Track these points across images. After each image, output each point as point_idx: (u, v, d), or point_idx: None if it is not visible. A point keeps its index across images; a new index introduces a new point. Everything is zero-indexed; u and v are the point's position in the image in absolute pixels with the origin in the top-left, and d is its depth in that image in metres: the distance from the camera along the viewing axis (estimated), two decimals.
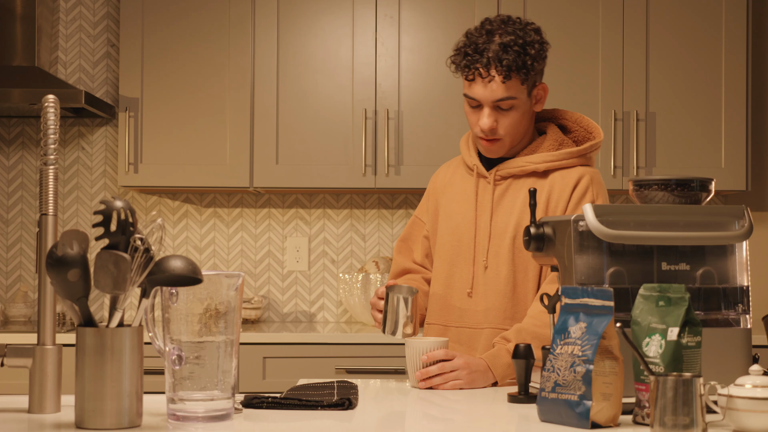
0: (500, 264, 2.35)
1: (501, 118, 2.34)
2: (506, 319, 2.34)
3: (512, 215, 2.36)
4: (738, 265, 1.92)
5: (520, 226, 2.35)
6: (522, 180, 2.39)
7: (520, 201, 2.37)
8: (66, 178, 4.14)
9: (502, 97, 2.31)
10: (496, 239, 2.37)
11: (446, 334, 2.42)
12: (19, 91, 3.63)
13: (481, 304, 2.37)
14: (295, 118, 3.82)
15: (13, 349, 1.79)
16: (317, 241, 4.14)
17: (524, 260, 2.34)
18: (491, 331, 2.35)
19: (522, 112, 2.35)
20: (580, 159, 2.40)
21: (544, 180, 2.38)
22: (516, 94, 2.32)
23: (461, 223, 2.42)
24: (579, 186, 2.35)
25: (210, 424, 1.68)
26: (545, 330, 2.21)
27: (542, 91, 2.39)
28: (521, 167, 2.38)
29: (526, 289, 2.34)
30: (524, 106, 2.35)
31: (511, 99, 2.32)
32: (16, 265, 4.13)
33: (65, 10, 4.13)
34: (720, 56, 3.86)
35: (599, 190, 2.37)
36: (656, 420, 1.58)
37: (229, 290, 1.70)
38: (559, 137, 2.41)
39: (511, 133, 2.36)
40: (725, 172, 3.83)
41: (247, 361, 3.52)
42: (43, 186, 1.80)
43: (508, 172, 2.39)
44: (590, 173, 2.38)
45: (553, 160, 2.37)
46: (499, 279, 2.35)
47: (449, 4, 3.83)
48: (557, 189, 2.36)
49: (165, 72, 3.81)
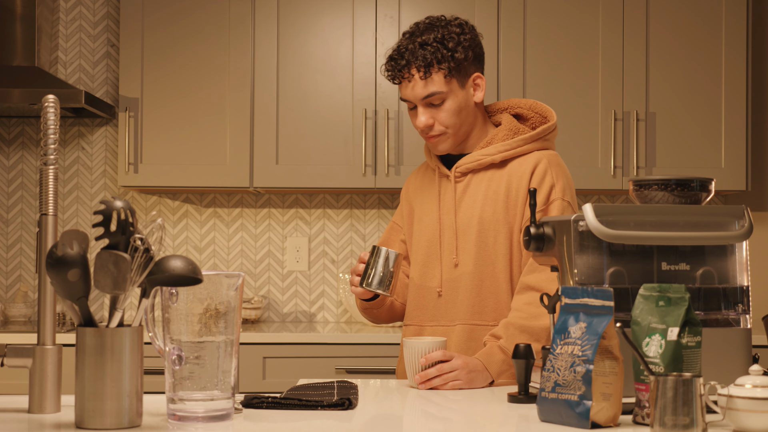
0: (467, 260, 2.37)
1: (436, 113, 2.37)
2: (475, 314, 2.35)
3: (474, 210, 2.38)
4: (738, 265, 1.92)
5: (483, 219, 2.36)
6: (481, 174, 2.41)
7: (480, 195, 2.38)
8: (66, 178, 4.14)
9: (426, 93, 2.35)
10: (462, 235, 2.38)
11: (422, 333, 2.44)
12: (19, 91, 3.63)
13: (450, 302, 2.39)
14: (295, 118, 3.82)
15: (13, 349, 1.79)
16: (317, 241, 4.15)
17: (491, 253, 2.35)
18: (462, 328, 2.36)
19: (458, 105, 2.37)
20: (537, 143, 2.41)
21: (502, 170, 2.39)
22: (441, 88, 2.35)
23: (429, 224, 2.46)
24: (537, 171, 2.36)
25: (210, 424, 1.68)
26: (532, 322, 2.23)
27: (479, 80, 2.40)
28: (478, 161, 2.40)
29: (495, 281, 2.35)
30: (458, 98, 2.37)
31: (437, 94, 2.35)
32: (16, 265, 4.13)
33: (65, 10, 4.13)
34: (720, 56, 3.86)
35: (558, 172, 2.37)
36: (656, 420, 1.58)
37: (229, 290, 1.70)
38: (513, 126, 2.42)
39: (451, 126, 2.38)
40: (725, 172, 3.83)
41: (247, 361, 3.53)
42: (43, 186, 1.80)
43: (466, 168, 2.41)
44: (547, 156, 2.38)
45: (507, 149, 2.39)
46: (465, 275, 2.36)
47: (449, 4, 3.83)
48: (515, 177, 2.37)
49: (165, 72, 3.81)
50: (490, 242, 2.35)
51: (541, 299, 1.96)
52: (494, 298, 2.35)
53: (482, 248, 2.36)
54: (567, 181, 2.39)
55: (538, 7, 3.81)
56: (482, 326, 2.35)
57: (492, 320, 2.35)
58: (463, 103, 2.39)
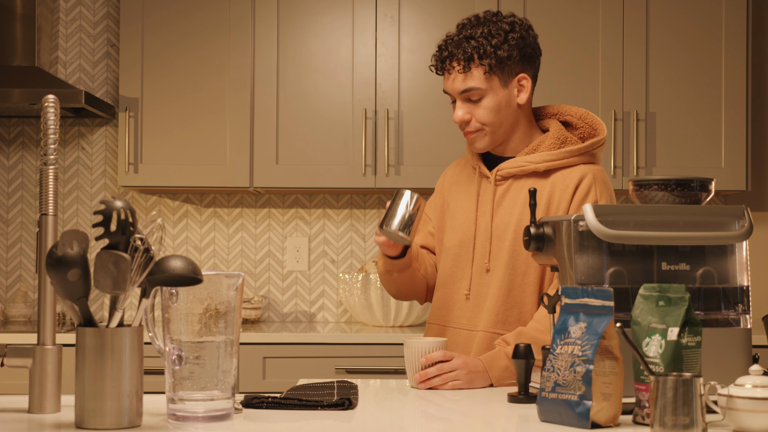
0: (498, 266, 2.33)
1: (474, 109, 2.34)
2: (498, 322, 2.31)
3: (512, 217, 2.33)
4: (738, 265, 1.92)
5: (520, 228, 2.31)
6: (523, 180, 2.35)
7: (520, 202, 2.33)
8: (66, 178, 4.14)
9: (464, 88, 2.32)
10: (496, 241, 2.34)
11: (444, 334, 2.41)
12: (19, 91, 3.63)
13: (477, 307, 2.35)
14: (295, 118, 3.82)
15: (13, 349, 1.79)
16: (317, 241, 4.14)
17: (523, 263, 2.31)
18: (483, 335, 2.32)
19: (497, 103, 2.33)
20: (583, 157, 2.35)
21: (545, 180, 2.34)
22: (480, 84, 2.31)
23: (463, 224, 2.40)
24: (581, 186, 2.30)
25: (210, 424, 1.68)
26: (545, 336, 2.19)
27: (524, 81, 2.35)
28: (521, 167, 2.34)
29: (523, 293, 2.31)
30: (497, 96, 2.33)
31: (476, 90, 2.32)
32: (16, 265, 4.13)
33: (65, 10, 4.13)
34: (720, 56, 3.86)
35: (602, 190, 2.32)
36: (656, 420, 1.58)
37: (229, 290, 1.70)
38: (561, 135, 2.36)
39: (489, 123, 2.34)
40: (725, 172, 3.83)
41: (247, 361, 3.53)
42: (43, 186, 1.80)
43: (508, 172, 2.36)
44: (593, 172, 2.33)
45: (553, 159, 2.33)
46: (495, 282, 2.32)
47: (449, 4, 3.83)
48: (558, 190, 2.31)
49: (165, 72, 3.81)
50: (524, 252, 2.30)
51: (542, 299, 1.96)
52: (518, 309, 2.31)
53: (515, 257, 2.31)
54: (610, 200, 2.34)
55: (538, 7, 3.81)
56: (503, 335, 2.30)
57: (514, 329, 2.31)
58: (504, 103, 2.34)
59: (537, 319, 2.24)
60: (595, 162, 2.38)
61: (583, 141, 2.40)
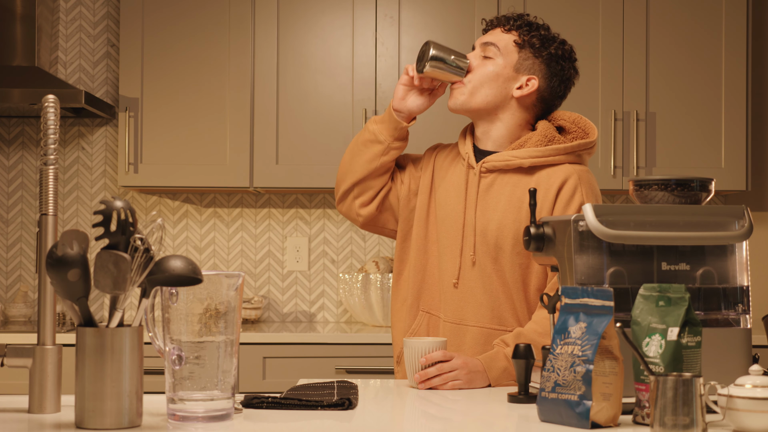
0: (485, 261, 2.33)
1: (479, 65, 2.39)
2: (494, 318, 2.31)
3: (495, 213, 2.33)
4: (738, 265, 1.92)
5: (503, 226, 2.31)
6: (508, 176, 2.35)
7: (504, 199, 2.33)
8: (66, 178, 4.14)
9: (491, 40, 2.39)
10: (480, 236, 2.34)
11: (437, 324, 2.39)
12: (19, 91, 3.63)
13: (466, 299, 2.35)
14: (295, 118, 3.82)
15: (13, 349, 1.79)
16: (317, 241, 4.15)
17: (508, 261, 2.31)
18: (477, 330, 2.33)
19: (495, 72, 2.36)
20: (569, 156, 2.34)
21: (529, 177, 2.33)
22: (503, 46, 2.37)
23: (452, 213, 2.39)
24: (566, 187, 2.30)
25: (210, 424, 1.68)
26: (544, 338, 2.19)
27: (531, 82, 2.37)
28: (506, 161, 2.34)
29: (508, 289, 2.31)
30: (499, 68, 2.37)
31: (494, 47, 2.38)
32: (16, 265, 4.13)
33: (65, 10, 4.14)
34: (720, 56, 3.86)
35: (588, 191, 2.31)
36: (656, 420, 1.58)
37: (229, 290, 1.70)
38: (549, 133, 2.36)
39: (474, 80, 2.37)
40: (725, 172, 3.84)
41: (247, 361, 3.53)
42: (43, 186, 1.80)
43: (493, 165, 2.35)
44: (578, 172, 2.32)
45: (538, 155, 2.32)
46: (484, 275, 2.33)
47: (449, 4, 3.83)
48: (542, 189, 2.30)
49: (165, 72, 3.81)
50: (508, 249, 2.31)
51: (542, 299, 1.96)
52: (510, 305, 2.31)
53: (501, 254, 2.31)
54: (596, 201, 2.33)
55: (538, 7, 3.81)
56: (500, 331, 2.31)
57: (510, 327, 2.31)
58: (502, 79, 2.37)
59: (536, 320, 2.24)
60: (582, 164, 2.38)
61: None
